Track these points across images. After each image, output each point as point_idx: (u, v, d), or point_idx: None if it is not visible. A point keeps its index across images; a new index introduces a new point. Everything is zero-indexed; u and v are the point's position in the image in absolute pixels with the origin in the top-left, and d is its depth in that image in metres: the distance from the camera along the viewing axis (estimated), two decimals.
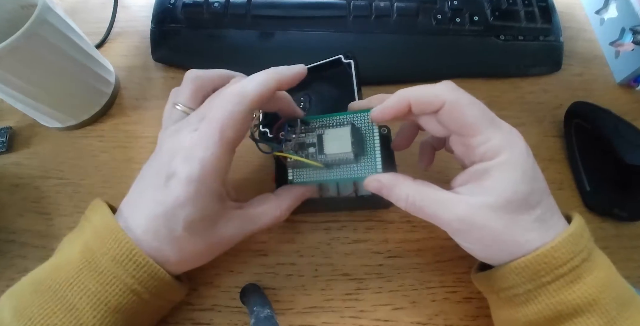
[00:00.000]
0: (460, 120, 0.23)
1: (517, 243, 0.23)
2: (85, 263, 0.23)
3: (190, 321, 0.30)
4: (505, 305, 0.25)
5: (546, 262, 0.22)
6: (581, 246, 0.23)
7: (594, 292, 0.22)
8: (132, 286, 0.23)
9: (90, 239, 0.24)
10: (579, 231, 0.23)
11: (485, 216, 0.23)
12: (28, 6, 0.32)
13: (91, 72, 0.36)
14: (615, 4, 0.41)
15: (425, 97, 0.24)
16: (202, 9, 0.40)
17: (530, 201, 0.23)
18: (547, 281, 0.22)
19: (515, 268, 0.23)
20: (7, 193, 0.35)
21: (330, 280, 0.31)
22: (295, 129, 0.28)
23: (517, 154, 0.23)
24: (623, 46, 0.40)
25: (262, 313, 0.27)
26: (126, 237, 0.23)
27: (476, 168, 0.24)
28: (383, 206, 0.34)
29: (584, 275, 0.22)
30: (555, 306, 0.22)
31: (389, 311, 0.30)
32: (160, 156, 0.25)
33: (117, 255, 0.23)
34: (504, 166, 0.23)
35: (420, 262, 0.32)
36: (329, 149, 0.27)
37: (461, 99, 0.23)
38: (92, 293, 0.23)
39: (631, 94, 0.41)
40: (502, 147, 0.23)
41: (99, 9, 0.45)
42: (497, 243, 0.23)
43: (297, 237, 0.33)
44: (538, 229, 0.23)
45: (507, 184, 0.23)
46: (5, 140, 0.37)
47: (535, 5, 0.41)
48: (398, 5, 0.40)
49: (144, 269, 0.23)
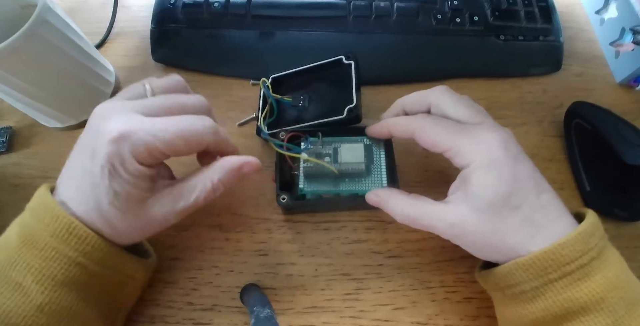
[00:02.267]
0: (428, 142, 0.26)
1: (507, 244, 0.24)
2: (25, 242, 0.23)
3: (190, 321, 0.30)
4: (512, 303, 0.25)
5: (553, 259, 0.22)
6: (591, 244, 0.23)
7: (602, 291, 0.22)
8: (77, 259, 0.23)
9: (28, 218, 0.24)
10: (589, 230, 0.23)
11: (474, 221, 0.24)
12: (28, 6, 0.32)
13: (91, 72, 0.36)
14: (615, 4, 0.41)
15: (400, 126, 0.28)
16: (202, 9, 0.39)
17: (513, 202, 0.23)
18: (554, 278, 0.22)
19: (522, 264, 0.23)
20: (7, 193, 0.35)
21: (330, 280, 0.31)
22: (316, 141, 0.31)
23: (489, 157, 0.24)
24: (623, 46, 0.40)
25: (262, 313, 0.27)
26: (62, 212, 0.23)
27: (459, 177, 0.25)
28: None
29: (593, 273, 0.22)
30: (562, 303, 0.22)
31: (389, 311, 0.30)
32: (91, 123, 0.25)
33: (56, 230, 0.23)
34: (479, 171, 0.24)
35: (420, 262, 0.32)
36: (343, 159, 0.30)
37: (425, 126, 0.26)
38: (35, 269, 0.22)
39: (631, 94, 0.41)
40: (472, 154, 0.24)
41: (99, 9, 0.45)
42: (488, 245, 0.24)
43: (297, 237, 0.33)
44: (526, 229, 0.23)
45: (485, 188, 0.24)
46: (5, 140, 0.37)
47: (535, 5, 0.41)
48: (398, 5, 0.40)
49: (87, 241, 0.23)
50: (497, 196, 0.23)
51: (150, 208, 0.25)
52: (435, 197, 0.34)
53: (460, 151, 0.25)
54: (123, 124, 0.23)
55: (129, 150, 0.23)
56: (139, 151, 0.23)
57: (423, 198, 0.27)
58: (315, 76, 0.36)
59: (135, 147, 0.23)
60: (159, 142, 0.23)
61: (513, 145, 0.25)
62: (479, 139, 0.25)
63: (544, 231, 0.23)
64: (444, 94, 0.28)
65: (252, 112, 0.38)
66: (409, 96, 0.29)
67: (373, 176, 0.31)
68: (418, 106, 0.29)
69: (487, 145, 0.24)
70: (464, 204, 0.24)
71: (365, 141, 0.31)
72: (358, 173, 0.30)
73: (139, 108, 0.25)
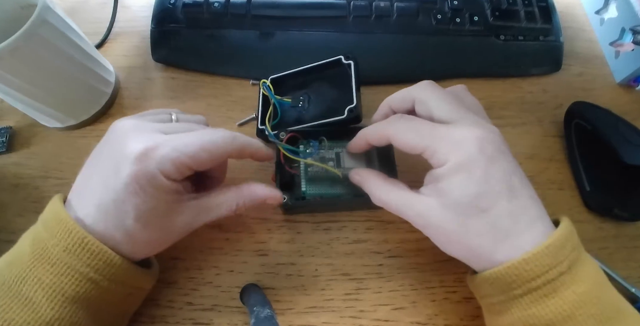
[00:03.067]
0: (404, 146, 0.26)
1: (468, 246, 0.23)
2: (37, 256, 0.23)
3: (190, 321, 0.30)
4: (487, 311, 0.25)
5: (517, 275, 0.22)
6: (560, 258, 0.22)
7: (569, 308, 0.21)
8: (88, 275, 0.23)
9: (41, 231, 0.24)
10: (560, 242, 0.22)
11: (439, 216, 0.24)
12: (28, 6, 0.32)
13: (91, 72, 0.36)
14: (615, 4, 0.41)
15: (375, 134, 0.28)
16: (202, 9, 0.39)
17: (481, 204, 0.23)
18: (518, 294, 0.22)
19: (487, 278, 0.23)
20: (7, 193, 0.35)
21: (330, 280, 0.31)
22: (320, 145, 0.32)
23: (463, 158, 0.23)
24: (623, 46, 0.40)
25: (262, 313, 0.27)
26: (76, 226, 0.23)
27: (433, 172, 0.25)
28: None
29: (561, 289, 0.21)
30: (527, 320, 0.22)
31: (389, 311, 0.30)
32: (114, 142, 0.25)
33: (68, 245, 0.22)
34: (452, 171, 0.23)
35: (420, 262, 0.32)
36: (346, 164, 0.32)
37: (398, 130, 0.26)
38: (46, 285, 0.22)
39: (631, 94, 0.41)
40: (447, 155, 0.24)
41: (99, 9, 0.45)
42: (451, 243, 0.24)
43: (297, 237, 0.33)
44: (490, 235, 0.23)
45: (454, 187, 0.23)
46: (5, 140, 0.37)
47: (535, 5, 0.41)
48: (398, 5, 0.40)
49: (99, 257, 0.23)
50: (464, 196, 0.23)
51: (172, 221, 0.25)
52: None
53: (436, 153, 0.24)
54: (148, 141, 0.23)
55: (156, 166, 0.23)
56: (166, 167, 0.23)
57: (399, 184, 0.27)
58: (314, 76, 0.36)
59: (162, 163, 0.23)
60: (185, 157, 0.24)
61: (490, 144, 0.23)
62: (454, 138, 0.24)
63: (510, 239, 0.22)
64: (426, 89, 0.27)
65: (252, 112, 0.38)
66: (395, 95, 0.29)
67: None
68: (404, 104, 0.28)
69: (462, 145, 0.23)
70: (433, 198, 0.24)
71: None
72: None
73: (161, 128, 0.25)
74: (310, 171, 0.31)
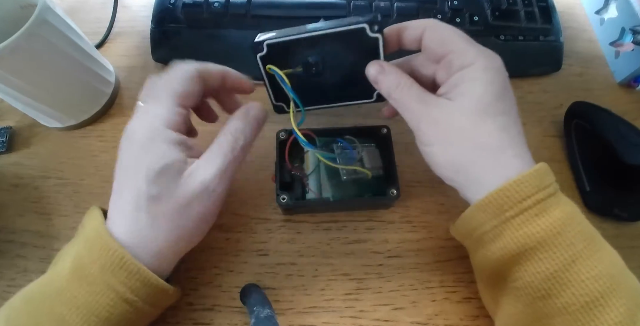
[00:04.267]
0: (438, 39, 0.26)
1: (477, 145, 0.24)
2: (75, 272, 0.23)
3: (190, 321, 0.30)
4: (479, 246, 0.25)
5: (508, 196, 0.22)
6: (547, 182, 0.23)
7: (559, 225, 0.22)
8: (124, 295, 0.23)
9: (82, 247, 0.24)
10: (545, 169, 0.24)
11: (454, 114, 0.24)
12: (28, 6, 0.32)
13: (91, 72, 0.36)
14: (615, 4, 0.41)
15: (410, 25, 0.27)
16: (202, 9, 0.39)
17: (498, 106, 0.24)
18: (511, 216, 0.23)
19: (480, 205, 0.24)
20: (7, 193, 0.35)
21: (330, 280, 0.31)
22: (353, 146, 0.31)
23: (492, 62, 0.25)
24: (623, 46, 0.40)
25: (262, 313, 0.27)
26: (115, 243, 0.23)
27: (454, 78, 0.25)
28: (383, 206, 0.34)
29: (550, 209, 0.22)
30: (519, 239, 0.22)
31: (389, 311, 0.30)
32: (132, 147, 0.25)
33: (106, 263, 0.22)
34: (478, 69, 0.25)
35: (420, 262, 0.32)
36: (367, 163, 0.31)
37: (438, 23, 0.27)
38: (81, 303, 0.22)
39: (631, 94, 0.41)
40: (478, 56, 0.25)
41: (99, 9, 0.45)
42: (458, 142, 0.24)
43: (297, 237, 0.33)
44: (501, 138, 0.24)
45: (477, 87, 0.24)
46: (5, 140, 0.37)
47: (535, 5, 0.41)
48: (398, 5, 0.40)
49: (136, 277, 0.23)
50: (486, 94, 0.24)
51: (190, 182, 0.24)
52: (436, 198, 0.35)
53: (466, 54, 0.25)
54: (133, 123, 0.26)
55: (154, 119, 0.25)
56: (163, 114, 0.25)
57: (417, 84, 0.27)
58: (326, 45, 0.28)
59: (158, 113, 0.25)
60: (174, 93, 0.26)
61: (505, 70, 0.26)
62: (483, 50, 0.26)
63: (508, 152, 0.24)
64: (434, 20, 0.28)
65: None
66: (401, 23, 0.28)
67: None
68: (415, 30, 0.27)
69: (489, 56, 0.25)
70: (452, 100, 0.25)
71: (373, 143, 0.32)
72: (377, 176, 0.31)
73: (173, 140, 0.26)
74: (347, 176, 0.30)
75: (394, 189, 0.30)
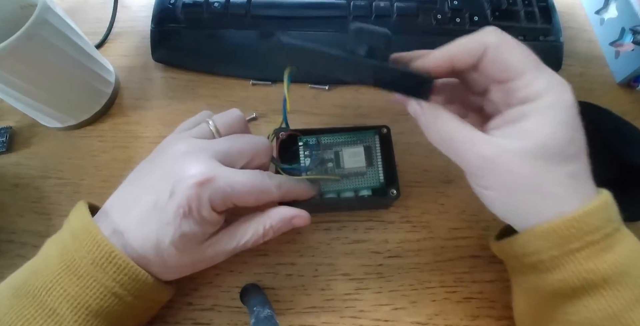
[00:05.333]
0: (502, 64, 0.22)
1: (542, 194, 0.22)
2: (63, 267, 0.23)
3: (190, 321, 0.30)
4: (529, 272, 0.24)
5: (576, 228, 0.21)
6: (613, 215, 0.22)
7: (626, 263, 0.21)
8: (113, 289, 0.23)
9: (69, 241, 0.24)
10: (611, 200, 0.22)
11: (514, 159, 0.21)
12: (28, 6, 0.32)
13: (91, 72, 0.36)
14: (615, 4, 0.41)
15: (465, 46, 0.23)
16: (202, 9, 0.39)
17: (567, 152, 0.21)
18: (575, 248, 0.21)
19: (540, 232, 0.22)
20: (7, 193, 0.35)
21: (330, 280, 0.31)
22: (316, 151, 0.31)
23: (563, 97, 0.22)
24: (623, 46, 0.40)
25: (262, 313, 0.27)
26: (104, 240, 0.23)
27: (514, 111, 0.22)
28: (383, 206, 0.34)
29: (616, 244, 0.21)
30: (583, 274, 0.21)
31: (389, 311, 0.30)
32: (168, 162, 0.25)
33: (96, 258, 0.23)
34: (546, 109, 0.21)
35: (420, 262, 0.32)
36: (346, 164, 0.31)
37: (503, 42, 0.22)
38: (72, 297, 0.22)
39: (631, 94, 0.41)
40: (546, 90, 0.21)
41: (99, 9, 0.45)
42: (520, 190, 0.22)
43: (297, 237, 0.33)
44: (568, 187, 0.22)
45: (545, 127, 0.21)
46: (5, 140, 0.37)
47: (535, 5, 0.41)
48: (398, 5, 0.40)
49: (125, 271, 0.23)
50: (555, 139, 0.21)
51: (205, 249, 0.25)
52: (436, 198, 0.35)
53: (534, 84, 0.21)
54: (208, 170, 0.24)
55: (208, 196, 0.24)
56: (216, 199, 0.24)
57: (465, 121, 0.23)
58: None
59: (214, 194, 0.24)
60: (235, 195, 0.25)
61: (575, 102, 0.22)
62: (555, 77, 0.22)
63: (579, 193, 0.22)
64: (499, 33, 0.23)
65: (252, 112, 0.38)
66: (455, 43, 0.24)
67: (370, 174, 0.31)
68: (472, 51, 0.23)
69: (561, 87, 0.22)
70: (511, 140, 0.21)
71: (364, 142, 0.31)
72: (358, 173, 0.31)
73: (217, 154, 0.25)
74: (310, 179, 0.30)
75: (393, 189, 0.30)
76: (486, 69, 0.23)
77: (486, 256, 0.32)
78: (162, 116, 0.39)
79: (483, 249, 0.33)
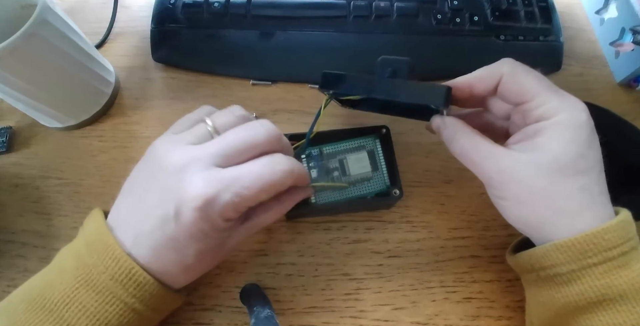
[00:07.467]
0: (517, 87, 0.24)
1: (553, 207, 0.23)
2: (81, 281, 0.23)
3: (190, 321, 0.30)
4: (545, 285, 0.24)
5: (595, 243, 0.22)
6: (631, 233, 0.22)
7: None
8: (133, 306, 0.23)
9: (85, 253, 0.23)
10: (629, 219, 0.23)
11: (527, 170, 0.23)
12: (28, 6, 0.32)
13: (91, 72, 0.36)
14: (615, 4, 0.41)
15: (483, 73, 0.26)
16: (202, 9, 0.39)
17: (578, 166, 0.23)
18: (593, 263, 0.22)
19: (560, 246, 0.22)
20: (7, 193, 0.35)
21: (330, 280, 0.31)
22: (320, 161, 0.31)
23: (576, 116, 0.23)
24: (623, 46, 0.40)
25: (262, 313, 0.27)
26: (124, 255, 0.22)
27: (530, 128, 0.24)
28: (385, 207, 0.34)
29: (632, 262, 0.22)
30: (600, 289, 0.22)
31: (389, 311, 0.30)
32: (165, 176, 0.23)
33: (115, 274, 0.22)
34: (559, 125, 0.23)
35: (420, 262, 0.32)
36: (352, 171, 0.31)
37: (516, 68, 0.25)
38: (90, 313, 0.22)
39: (631, 94, 0.41)
40: (560, 108, 0.23)
41: (99, 9, 0.45)
42: (531, 201, 0.23)
43: (297, 237, 0.33)
44: (580, 200, 0.23)
45: (557, 142, 0.23)
46: (5, 140, 0.37)
47: (535, 5, 0.41)
48: (398, 5, 0.40)
49: (145, 288, 0.23)
50: (565, 153, 0.22)
51: (224, 247, 0.26)
52: (436, 198, 0.35)
53: (546, 104, 0.23)
54: (209, 187, 0.22)
55: (218, 212, 0.22)
56: (226, 212, 0.22)
57: (484, 136, 0.25)
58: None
59: (223, 209, 0.22)
60: (244, 201, 0.23)
61: (591, 119, 0.24)
62: (568, 98, 0.24)
63: (593, 208, 0.23)
64: (514, 63, 0.26)
65: (253, 112, 0.38)
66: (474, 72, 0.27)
67: (376, 179, 0.31)
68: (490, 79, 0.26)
69: (574, 107, 0.24)
70: (526, 153, 0.23)
71: (367, 147, 0.32)
72: (364, 179, 0.31)
73: (216, 159, 0.23)
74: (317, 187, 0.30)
75: (396, 190, 0.30)
76: (504, 93, 0.25)
77: (486, 256, 0.32)
78: (162, 116, 0.39)
79: (483, 249, 0.33)
